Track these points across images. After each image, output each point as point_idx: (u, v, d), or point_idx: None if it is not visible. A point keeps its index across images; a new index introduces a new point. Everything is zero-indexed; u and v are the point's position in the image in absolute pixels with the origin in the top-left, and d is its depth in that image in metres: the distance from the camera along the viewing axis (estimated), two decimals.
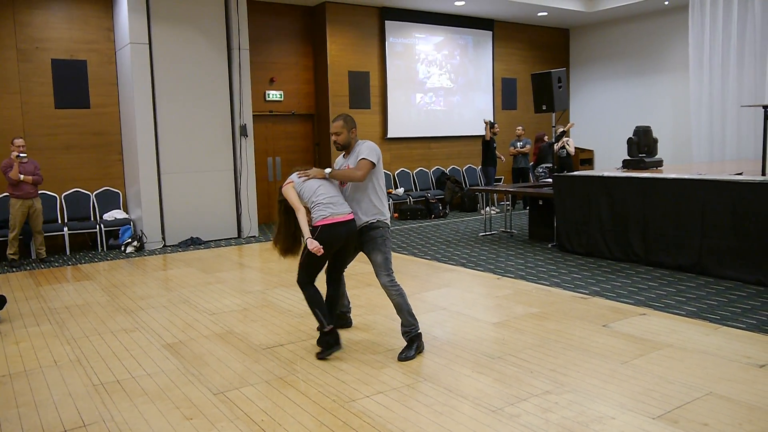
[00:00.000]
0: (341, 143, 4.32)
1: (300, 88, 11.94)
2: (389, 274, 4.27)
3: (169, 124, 9.30)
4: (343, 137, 4.30)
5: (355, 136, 4.38)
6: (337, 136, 4.30)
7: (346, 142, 4.32)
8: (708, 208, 6.40)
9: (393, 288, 4.27)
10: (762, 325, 4.78)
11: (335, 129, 4.30)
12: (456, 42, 13.51)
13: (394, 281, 4.28)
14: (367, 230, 4.29)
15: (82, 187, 9.54)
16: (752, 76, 11.50)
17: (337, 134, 4.30)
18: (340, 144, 4.33)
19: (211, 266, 7.79)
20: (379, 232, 4.29)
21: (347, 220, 4.19)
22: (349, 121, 4.33)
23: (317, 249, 4.03)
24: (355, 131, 4.36)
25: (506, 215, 10.11)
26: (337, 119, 4.33)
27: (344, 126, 4.29)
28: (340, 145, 4.34)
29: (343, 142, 4.32)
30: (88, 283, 7.02)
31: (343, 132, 4.29)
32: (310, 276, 4.30)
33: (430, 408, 3.46)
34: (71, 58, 9.37)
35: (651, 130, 8.70)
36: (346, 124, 4.30)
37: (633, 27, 14.10)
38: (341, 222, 4.16)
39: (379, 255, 4.27)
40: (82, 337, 4.99)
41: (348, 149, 4.37)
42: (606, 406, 3.41)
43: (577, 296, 5.81)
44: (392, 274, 4.29)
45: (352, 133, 4.33)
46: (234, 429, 3.28)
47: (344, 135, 4.30)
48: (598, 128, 14.86)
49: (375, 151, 4.28)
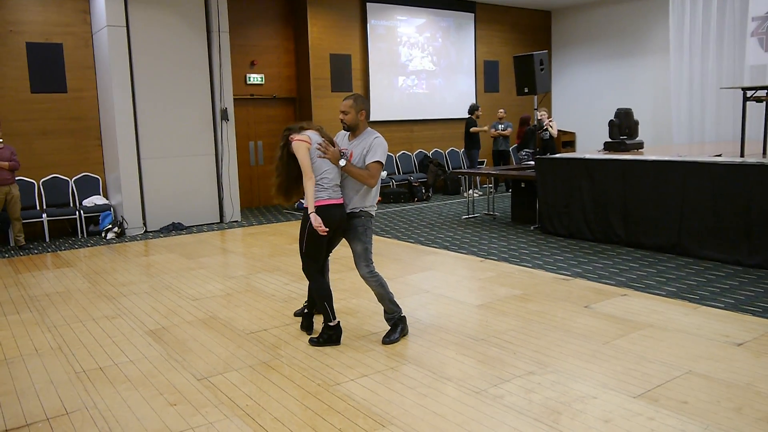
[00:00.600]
0: (348, 123, 4.22)
1: (281, 71, 11.84)
2: (368, 265, 4.22)
3: (148, 108, 9.18)
4: (350, 117, 4.19)
5: (364, 119, 4.26)
6: (344, 115, 4.19)
7: (353, 123, 4.22)
8: (687, 189, 6.46)
9: (372, 278, 4.23)
10: (740, 304, 4.86)
11: (344, 107, 4.19)
12: (438, 24, 13.45)
13: (374, 271, 4.24)
14: (350, 218, 4.24)
15: (60, 173, 9.40)
16: (731, 58, 11.60)
17: (344, 113, 4.19)
18: (347, 124, 4.22)
19: (194, 252, 7.74)
20: (360, 222, 4.22)
21: (340, 203, 4.15)
22: (360, 102, 4.21)
23: (321, 226, 3.97)
24: (364, 113, 4.23)
25: (489, 198, 10.14)
26: (348, 98, 4.22)
27: (353, 106, 4.18)
28: (346, 125, 4.24)
29: (350, 122, 4.21)
30: (69, 270, 6.94)
31: (351, 112, 4.18)
32: (316, 262, 4.22)
33: (415, 390, 3.48)
34: (46, 42, 9.19)
35: (632, 112, 8.75)
36: (355, 104, 4.18)
37: (614, 9, 14.12)
38: (336, 204, 4.12)
39: (359, 245, 4.22)
40: (63, 325, 4.94)
41: (355, 132, 4.27)
42: (588, 386, 3.46)
43: (560, 278, 5.86)
44: (371, 265, 4.24)
45: (361, 114, 4.22)
46: (218, 414, 3.28)
47: (352, 115, 4.19)
48: (579, 110, 14.92)
49: (385, 151, 4.20)
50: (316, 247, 4.16)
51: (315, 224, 3.98)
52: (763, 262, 5.88)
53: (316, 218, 3.99)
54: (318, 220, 3.98)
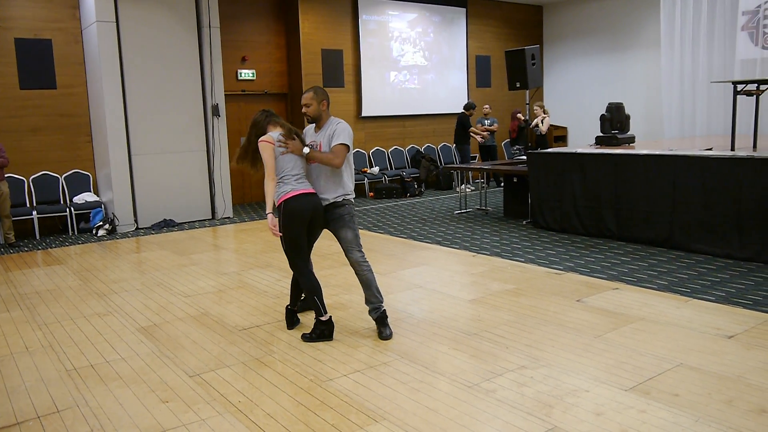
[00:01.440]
0: (311, 115, 4.29)
1: (273, 66, 11.79)
2: (360, 250, 4.27)
3: (138, 104, 9.13)
4: (312, 109, 4.25)
5: (326, 109, 4.31)
6: (307, 107, 4.26)
7: (316, 114, 4.28)
8: (679, 183, 6.48)
9: (365, 263, 4.26)
10: (731, 297, 4.88)
11: (305, 101, 4.26)
12: (430, 19, 13.43)
13: (365, 257, 4.28)
14: (333, 208, 4.25)
15: (50, 170, 9.33)
16: (722, 52, 11.64)
17: (306, 105, 4.26)
18: (310, 116, 4.29)
19: (186, 248, 7.72)
20: (346, 210, 4.27)
21: (311, 192, 4.18)
22: (320, 93, 4.28)
23: (275, 228, 4.07)
24: (326, 103, 4.30)
25: (481, 193, 10.15)
26: (307, 91, 4.29)
27: (314, 98, 4.24)
28: (310, 117, 4.31)
29: (313, 114, 4.28)
30: (59, 268, 6.91)
31: (312, 104, 4.24)
32: (299, 255, 4.21)
33: (407, 385, 3.48)
34: (35, 37, 9.11)
35: (623, 106, 8.76)
36: (316, 95, 4.25)
37: (606, 4, 14.13)
38: (306, 193, 4.15)
39: (349, 231, 4.25)
40: (53, 323, 4.91)
41: (319, 123, 4.32)
42: (580, 379, 3.47)
43: (552, 272, 5.87)
44: (362, 250, 4.29)
45: (323, 105, 4.28)
46: (210, 411, 3.27)
47: (314, 107, 4.25)
48: (571, 105, 14.94)
49: (350, 135, 4.24)
50: (295, 241, 4.17)
51: (270, 225, 4.08)
52: (754, 255, 5.91)
53: (271, 219, 4.09)
54: (273, 221, 4.08)
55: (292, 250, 4.20)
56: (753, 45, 11.24)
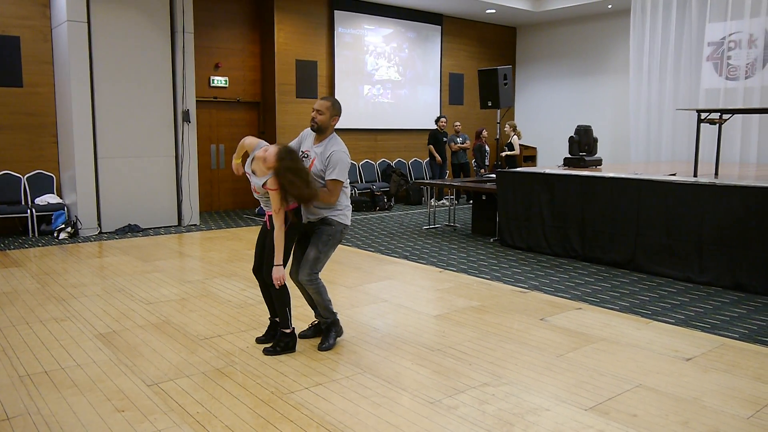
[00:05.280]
0: (319, 124, 4.13)
1: (246, 75, 11.73)
2: (311, 274, 4.12)
3: (107, 106, 8.99)
4: (323, 118, 4.12)
5: (335, 124, 4.22)
6: (318, 113, 4.11)
7: (324, 125, 4.15)
8: (642, 206, 6.61)
9: (311, 285, 4.15)
10: (689, 320, 4.98)
11: (319, 106, 4.12)
12: (405, 35, 13.53)
13: (315, 279, 4.15)
14: (321, 224, 4.18)
15: (12, 170, 9.10)
16: (688, 80, 11.96)
17: (319, 112, 4.11)
18: (318, 124, 4.14)
19: (150, 254, 7.58)
20: (330, 230, 4.16)
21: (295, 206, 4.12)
22: (336, 107, 4.17)
23: (280, 281, 3.99)
24: (337, 119, 4.19)
25: (450, 209, 10.20)
26: (326, 98, 4.17)
27: (330, 108, 4.13)
28: (316, 125, 4.15)
29: (321, 123, 4.13)
30: (17, 270, 6.72)
31: (326, 113, 4.11)
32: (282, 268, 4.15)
33: (369, 400, 3.46)
34: (2, 34, 8.91)
35: (591, 129, 8.93)
36: (333, 108, 4.14)
37: (577, 28, 14.43)
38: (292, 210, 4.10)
39: (313, 251, 4.14)
40: (8, 327, 4.77)
41: (322, 135, 4.19)
42: (541, 398, 3.49)
43: (517, 290, 5.92)
44: (315, 274, 4.14)
45: (333, 120, 4.17)
46: (168, 421, 3.20)
47: (326, 117, 4.12)
48: (541, 126, 15.17)
49: (346, 167, 4.12)
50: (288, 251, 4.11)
51: (275, 276, 3.95)
52: (713, 280, 6.04)
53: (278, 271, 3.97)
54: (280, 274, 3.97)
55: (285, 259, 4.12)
56: (717, 75, 11.58)
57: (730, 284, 5.93)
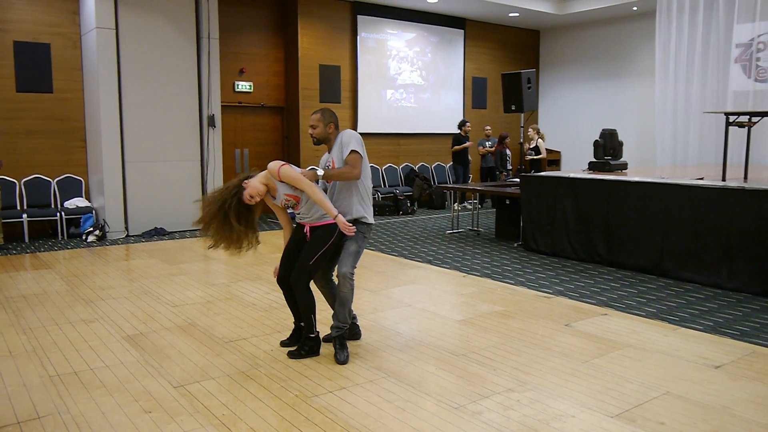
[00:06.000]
0: (317, 137, 4.21)
1: (270, 80, 11.83)
2: (354, 266, 4.15)
3: (134, 111, 9.13)
4: (318, 131, 4.19)
5: (333, 130, 4.25)
6: (313, 129, 4.19)
7: (322, 137, 4.21)
8: (669, 211, 6.53)
9: (350, 281, 4.14)
10: (718, 327, 4.90)
11: (312, 122, 4.20)
12: (428, 39, 13.54)
13: (353, 275, 4.16)
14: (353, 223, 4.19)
15: (42, 174, 9.29)
16: (715, 83, 11.77)
17: (313, 127, 4.19)
18: (316, 138, 4.22)
19: (175, 257, 7.68)
20: (362, 227, 4.21)
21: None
22: (327, 115, 4.22)
23: (352, 229, 3.97)
24: (333, 126, 4.23)
25: (473, 214, 10.17)
26: (316, 112, 4.23)
27: (321, 119, 4.18)
28: (316, 139, 4.23)
29: (319, 136, 4.21)
30: (47, 272, 6.85)
31: (319, 125, 4.18)
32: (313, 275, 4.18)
33: (393, 404, 3.46)
34: (34, 41, 9.11)
35: (617, 133, 8.84)
36: (323, 117, 4.19)
37: (602, 31, 14.31)
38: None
39: (353, 245, 4.17)
40: (38, 327, 4.86)
41: (328, 144, 4.26)
42: (566, 405, 3.46)
43: (541, 295, 5.88)
44: (354, 270, 4.17)
45: (329, 127, 4.21)
46: (194, 423, 3.23)
47: (320, 129, 4.18)
48: (565, 130, 15.06)
49: (358, 140, 4.17)
50: (324, 260, 4.14)
51: (346, 229, 3.94)
52: (742, 286, 5.94)
53: (345, 222, 3.97)
54: (348, 225, 3.98)
55: (315, 269, 4.15)
56: (746, 77, 11.39)
57: (760, 290, 5.83)
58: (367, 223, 4.26)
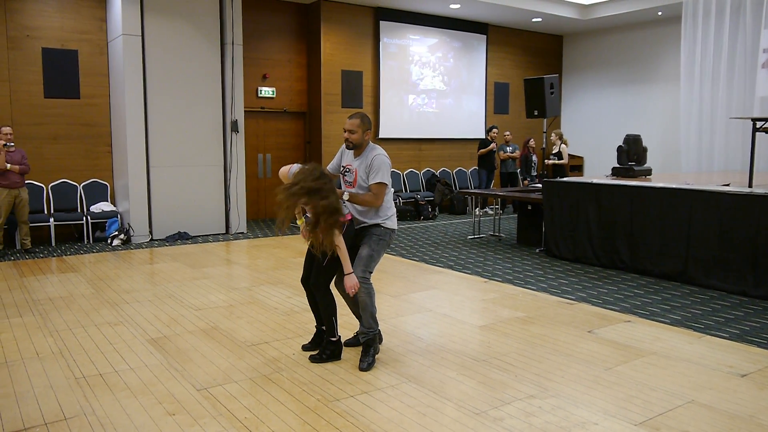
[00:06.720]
0: (354, 142, 4.20)
1: (293, 85, 11.91)
2: (364, 271, 4.11)
3: (159, 117, 9.25)
4: (356, 137, 4.18)
5: (369, 138, 4.27)
6: (351, 134, 4.18)
7: (358, 143, 4.21)
8: (694, 217, 6.45)
9: (363, 284, 4.09)
10: (744, 335, 4.82)
11: (350, 126, 4.18)
12: (450, 45, 13.53)
13: (367, 279, 4.13)
14: (369, 227, 4.21)
15: (69, 178, 9.46)
16: (742, 88, 11.61)
17: (351, 132, 4.17)
18: (353, 143, 4.21)
19: (198, 261, 7.75)
20: (379, 231, 4.20)
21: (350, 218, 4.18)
22: (366, 122, 4.22)
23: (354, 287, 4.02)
24: (369, 133, 4.24)
25: (495, 219, 10.13)
26: (354, 117, 4.21)
27: (360, 125, 4.18)
28: (351, 144, 4.23)
29: (356, 141, 4.20)
30: (73, 275, 6.96)
31: (357, 131, 4.17)
32: (333, 275, 4.21)
33: (414, 409, 3.46)
34: (62, 48, 9.29)
35: (641, 138, 8.76)
36: (363, 123, 4.18)
37: (626, 36, 14.19)
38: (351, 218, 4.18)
39: (366, 249, 4.16)
40: (65, 330, 4.94)
41: (359, 150, 4.26)
42: (589, 412, 3.43)
43: (564, 302, 5.84)
44: (367, 273, 4.14)
45: (366, 134, 4.22)
46: (217, 426, 3.26)
47: (358, 135, 4.18)
48: (588, 135, 14.94)
49: (388, 169, 4.17)
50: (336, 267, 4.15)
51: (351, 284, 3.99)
52: None
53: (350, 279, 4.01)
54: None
55: (331, 272, 4.17)
56: None
57: None
58: (386, 228, 4.25)
